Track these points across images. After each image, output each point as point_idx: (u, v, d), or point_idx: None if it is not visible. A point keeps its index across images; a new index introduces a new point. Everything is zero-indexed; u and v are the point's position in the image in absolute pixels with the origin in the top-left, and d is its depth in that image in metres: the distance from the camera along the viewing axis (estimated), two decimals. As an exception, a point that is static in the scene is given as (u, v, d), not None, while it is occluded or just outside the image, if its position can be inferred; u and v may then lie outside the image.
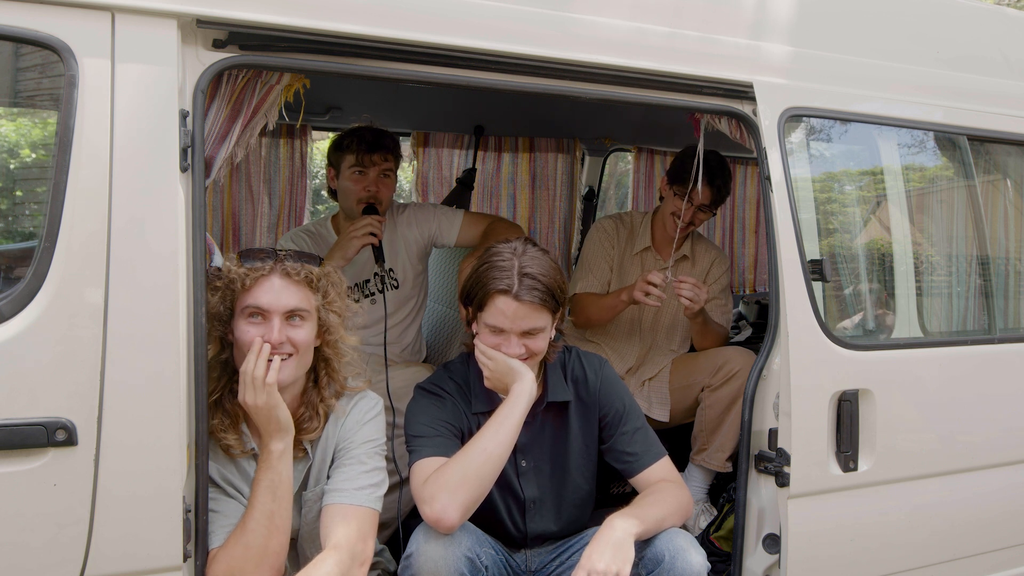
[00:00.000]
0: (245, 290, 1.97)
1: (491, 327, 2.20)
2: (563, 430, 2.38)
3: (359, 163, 3.04)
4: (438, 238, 3.28)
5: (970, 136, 2.88)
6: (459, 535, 2.04)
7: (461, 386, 2.34)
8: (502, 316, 2.17)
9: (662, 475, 2.33)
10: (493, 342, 2.20)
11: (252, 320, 1.97)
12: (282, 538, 1.93)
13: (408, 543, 2.07)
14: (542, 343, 2.23)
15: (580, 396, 2.40)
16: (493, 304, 2.17)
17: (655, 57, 2.31)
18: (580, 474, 2.41)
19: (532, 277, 2.16)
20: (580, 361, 2.44)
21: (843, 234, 2.82)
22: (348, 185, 3.08)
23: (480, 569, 2.07)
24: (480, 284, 2.20)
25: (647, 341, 3.42)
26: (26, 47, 1.75)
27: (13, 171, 2.22)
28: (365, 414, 2.13)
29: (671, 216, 3.34)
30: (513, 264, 2.18)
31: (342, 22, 1.94)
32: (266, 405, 1.92)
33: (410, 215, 3.28)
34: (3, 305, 1.66)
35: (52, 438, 1.65)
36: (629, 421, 2.39)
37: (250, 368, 1.92)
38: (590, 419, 2.40)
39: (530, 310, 2.16)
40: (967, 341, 2.84)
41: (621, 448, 2.36)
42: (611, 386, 2.42)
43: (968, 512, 2.80)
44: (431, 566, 1.99)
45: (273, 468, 1.94)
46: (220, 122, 1.95)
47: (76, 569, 1.70)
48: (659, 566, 2.09)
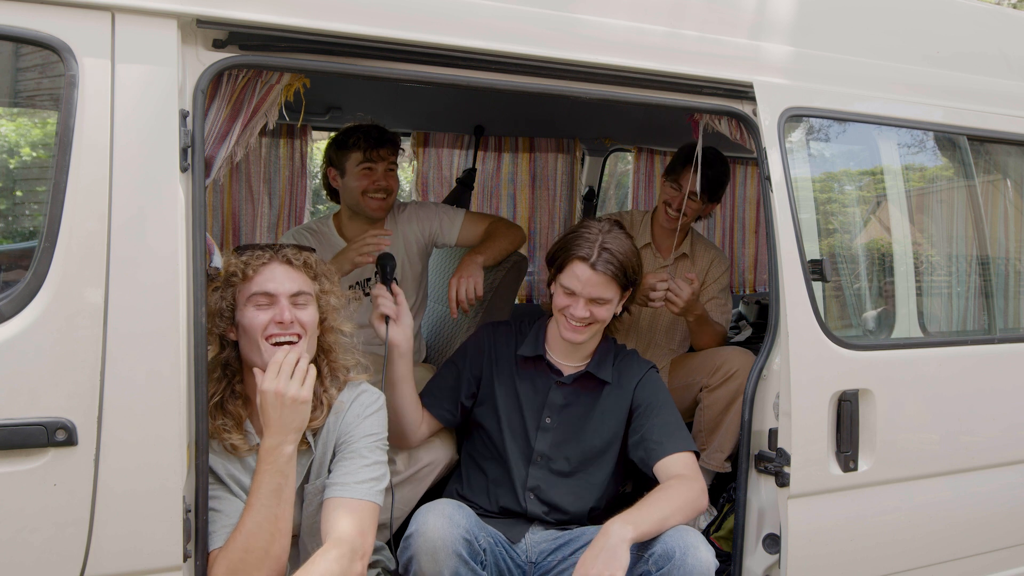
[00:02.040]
0: (247, 279, 2.01)
1: (565, 288, 2.44)
2: (592, 406, 2.51)
3: (368, 159, 3.05)
4: (439, 237, 3.28)
5: (970, 136, 2.88)
6: (458, 517, 2.10)
7: (516, 330, 2.64)
8: (576, 280, 2.41)
9: (680, 468, 2.37)
10: (563, 303, 2.44)
11: (260, 306, 2.00)
12: (284, 541, 1.92)
13: (408, 524, 2.13)
14: (606, 313, 2.46)
15: (620, 384, 2.55)
16: (571, 268, 2.42)
17: (655, 57, 2.31)
18: (594, 453, 2.49)
19: (611, 252, 2.41)
20: (633, 357, 2.63)
21: (843, 234, 2.82)
22: (356, 182, 3.07)
23: (478, 551, 2.12)
24: (564, 248, 2.46)
25: (645, 339, 3.42)
26: (26, 47, 1.75)
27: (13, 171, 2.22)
28: (366, 408, 2.13)
29: (664, 205, 3.37)
30: (598, 238, 2.43)
31: (342, 22, 1.94)
32: (295, 398, 1.90)
33: (411, 213, 3.27)
34: (3, 305, 1.66)
35: (52, 438, 1.65)
36: (663, 413, 2.50)
37: (291, 358, 1.93)
38: (620, 408, 2.51)
39: (602, 280, 2.40)
40: (967, 341, 2.84)
41: (650, 436, 2.45)
42: (653, 383, 2.57)
43: (968, 512, 2.80)
44: (429, 545, 2.04)
45: (281, 471, 1.90)
46: (220, 122, 1.95)
47: (76, 569, 1.70)
48: (669, 562, 2.11)
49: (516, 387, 2.54)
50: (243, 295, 2.02)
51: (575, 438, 2.49)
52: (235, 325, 2.05)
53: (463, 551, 2.06)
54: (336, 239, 3.18)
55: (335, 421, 2.11)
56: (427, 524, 2.07)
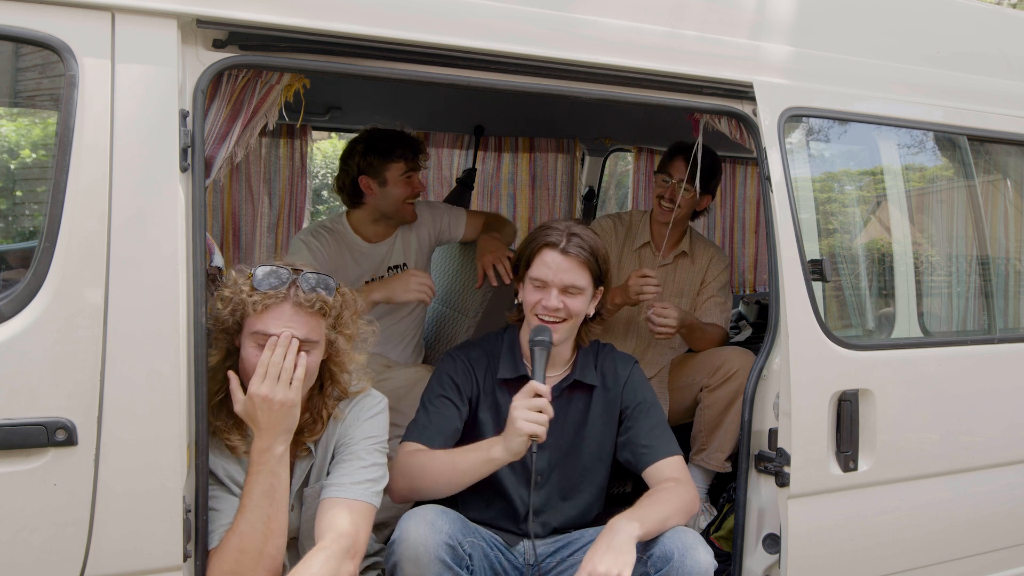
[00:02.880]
0: (256, 314, 1.93)
1: (535, 280, 2.34)
2: (584, 414, 2.45)
3: (412, 168, 3.17)
4: (445, 234, 3.45)
5: (970, 136, 2.88)
6: (442, 523, 2.07)
7: (487, 352, 2.47)
8: (547, 268, 2.32)
9: (672, 472, 2.35)
10: (535, 298, 2.33)
11: (261, 345, 1.92)
12: (278, 541, 1.92)
13: (394, 531, 2.10)
14: (580, 304, 2.35)
15: (607, 386, 2.48)
16: (540, 258, 2.34)
17: (655, 57, 2.31)
18: (593, 462, 2.45)
19: (580, 237, 2.34)
20: (613, 355, 2.54)
21: (843, 234, 2.82)
22: (399, 190, 3.17)
23: (462, 556, 2.10)
24: (532, 241, 2.38)
25: (645, 340, 3.41)
26: (26, 47, 1.75)
27: (13, 171, 2.22)
28: (366, 411, 2.12)
29: (657, 200, 3.39)
30: (565, 227, 2.37)
31: (342, 22, 1.94)
32: (283, 402, 1.88)
33: (423, 212, 3.36)
34: (3, 305, 1.66)
35: (52, 438, 1.65)
36: (650, 416, 2.45)
37: (278, 359, 1.88)
38: (612, 411, 2.47)
39: (574, 264, 2.32)
40: (967, 341, 2.84)
41: (636, 440, 2.41)
42: (638, 383, 2.50)
43: (968, 512, 2.80)
44: (412, 552, 2.02)
45: (273, 472, 1.90)
46: (220, 122, 1.95)
47: (76, 569, 1.70)
48: (668, 564, 2.10)
49: (502, 411, 2.34)
50: (249, 326, 1.95)
51: (573, 450, 2.43)
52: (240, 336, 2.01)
53: (446, 556, 2.03)
54: (354, 238, 3.26)
55: (335, 425, 2.10)
56: (409, 530, 2.04)
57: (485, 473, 2.20)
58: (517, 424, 2.11)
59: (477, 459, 2.19)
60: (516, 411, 2.13)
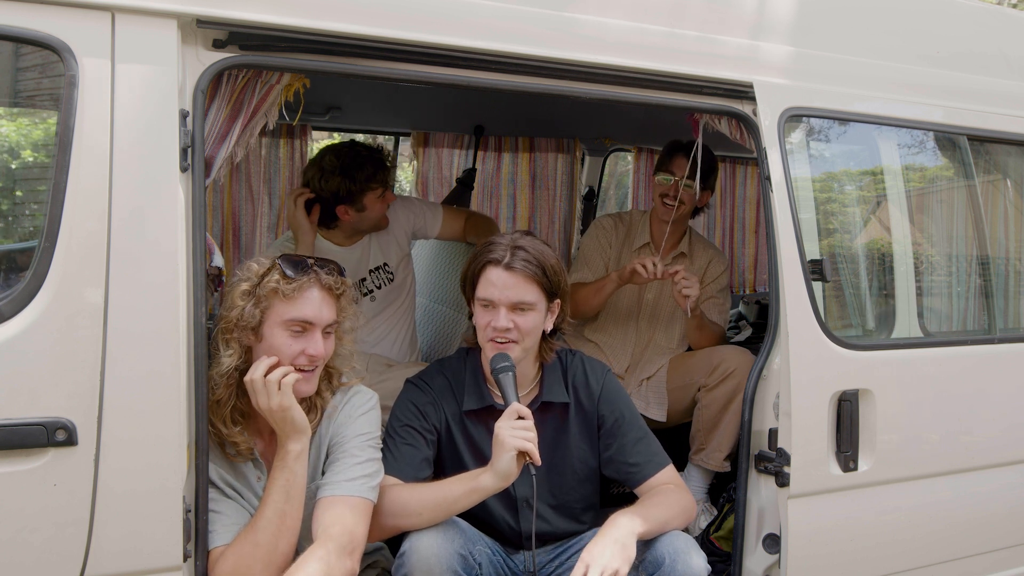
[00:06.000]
0: (287, 300, 1.97)
1: (482, 301, 2.21)
2: (562, 433, 2.35)
3: (386, 185, 3.16)
4: (420, 231, 3.47)
5: (970, 136, 2.88)
6: (453, 533, 2.06)
7: (451, 382, 2.33)
8: (492, 287, 2.18)
9: (667, 481, 2.32)
10: (484, 319, 2.21)
11: (295, 334, 1.99)
12: (291, 539, 1.94)
13: (403, 541, 2.08)
14: (532, 322, 2.21)
15: (580, 401, 2.37)
16: (484, 276, 2.21)
17: (655, 57, 2.31)
18: (578, 479, 2.37)
19: (524, 250, 2.20)
20: (583, 366, 2.41)
21: (843, 234, 2.82)
22: (375, 212, 3.17)
23: (473, 566, 2.08)
24: (474, 259, 2.25)
25: (644, 337, 3.41)
26: (26, 47, 1.75)
27: (13, 171, 2.22)
28: (357, 408, 2.14)
29: (660, 199, 3.37)
30: (508, 241, 2.23)
31: (342, 22, 1.94)
32: (280, 407, 1.94)
33: (396, 208, 3.36)
34: (3, 305, 1.66)
35: (52, 438, 1.65)
36: (631, 431, 2.35)
37: (259, 374, 1.94)
38: (590, 425, 2.37)
39: (520, 280, 2.18)
40: (967, 341, 2.84)
41: (622, 459, 2.33)
42: (613, 394, 2.38)
43: (968, 512, 2.80)
44: (424, 564, 1.99)
45: (289, 468, 1.96)
46: (220, 122, 1.95)
47: (76, 569, 1.70)
48: (660, 568, 2.09)
49: (475, 441, 2.29)
50: (277, 315, 1.98)
51: (555, 471, 2.33)
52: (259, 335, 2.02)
53: (458, 567, 2.02)
54: (325, 243, 3.23)
55: (327, 424, 2.12)
56: (421, 541, 2.02)
57: (472, 503, 2.09)
58: (505, 441, 2.01)
59: (464, 489, 2.08)
60: (502, 431, 2.03)
